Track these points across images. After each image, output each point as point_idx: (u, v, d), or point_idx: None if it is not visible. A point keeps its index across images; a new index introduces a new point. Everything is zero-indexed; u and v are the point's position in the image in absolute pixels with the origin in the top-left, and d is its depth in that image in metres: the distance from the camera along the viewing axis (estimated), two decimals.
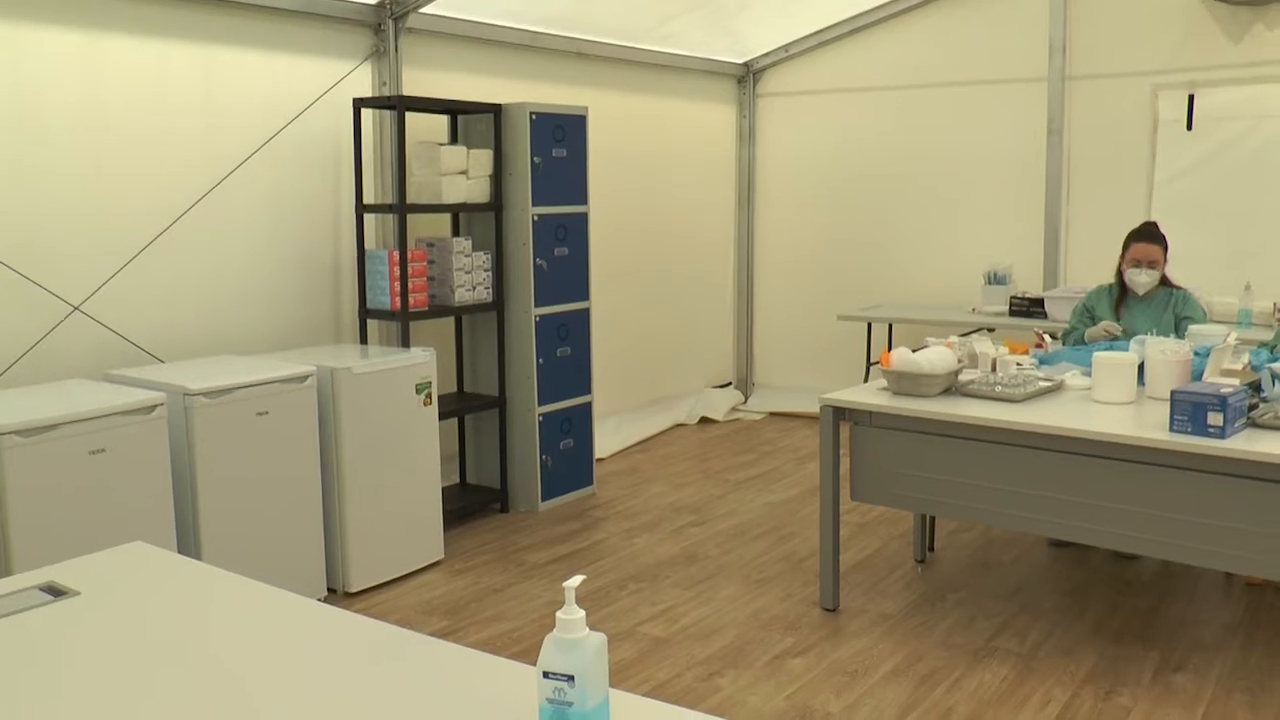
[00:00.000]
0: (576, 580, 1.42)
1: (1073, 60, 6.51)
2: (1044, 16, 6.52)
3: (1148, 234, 4.67)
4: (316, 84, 4.92)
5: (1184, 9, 6.11)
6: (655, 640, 3.87)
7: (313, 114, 4.91)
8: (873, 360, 6.68)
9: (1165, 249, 4.66)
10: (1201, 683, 3.51)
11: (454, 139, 5.37)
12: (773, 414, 7.62)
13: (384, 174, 5.22)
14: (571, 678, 1.36)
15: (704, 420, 7.45)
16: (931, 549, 4.78)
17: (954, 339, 4.27)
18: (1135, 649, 3.76)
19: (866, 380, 4.30)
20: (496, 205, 5.25)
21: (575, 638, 1.38)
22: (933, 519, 4.78)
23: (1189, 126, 6.21)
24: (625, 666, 3.65)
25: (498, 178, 5.25)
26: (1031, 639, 3.85)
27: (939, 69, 6.93)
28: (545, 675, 1.37)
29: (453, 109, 5.23)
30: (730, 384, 7.93)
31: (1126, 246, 4.70)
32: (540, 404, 5.40)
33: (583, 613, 1.38)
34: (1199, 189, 6.22)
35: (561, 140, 5.39)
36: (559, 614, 1.38)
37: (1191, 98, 6.18)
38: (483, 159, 5.17)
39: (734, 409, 7.71)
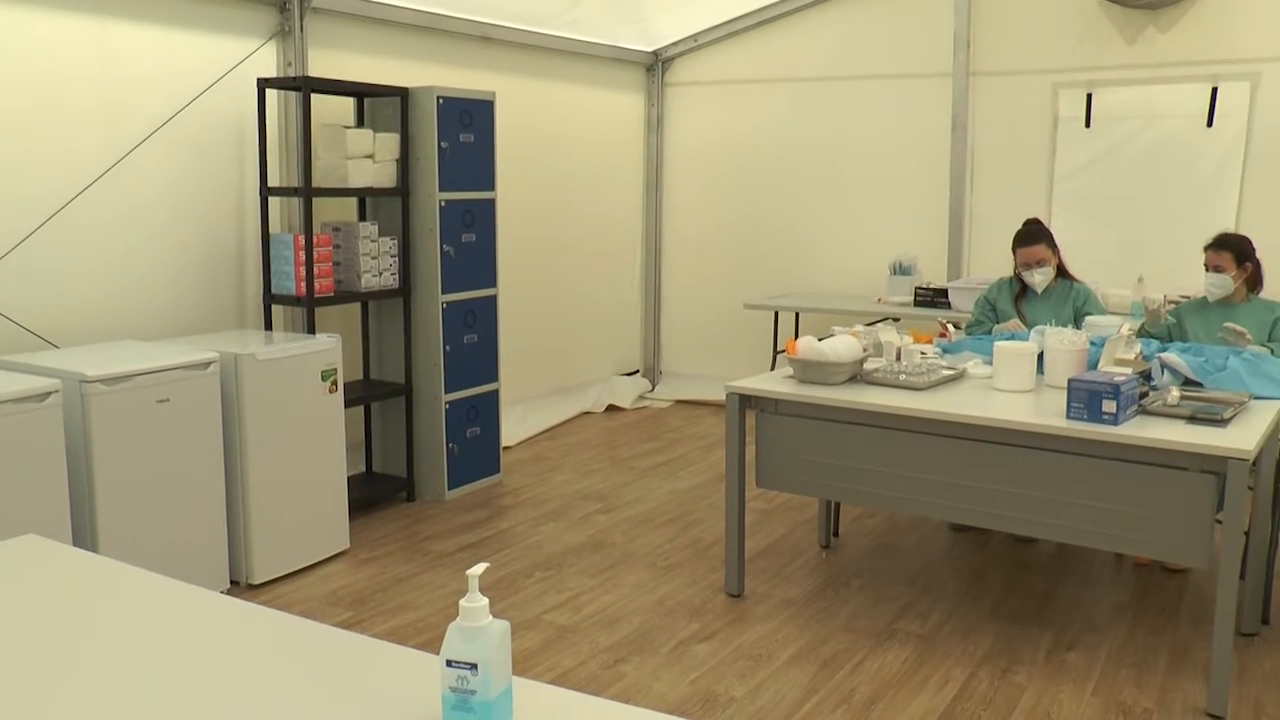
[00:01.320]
0: (480, 568, 1.41)
1: (976, 57, 6.66)
2: (949, 13, 6.65)
3: (1028, 236, 4.80)
4: (219, 63, 4.80)
5: (1082, 10, 6.29)
6: (560, 628, 3.88)
7: (215, 94, 4.79)
8: (779, 349, 6.76)
9: (1050, 243, 4.79)
10: (1092, 660, 3.64)
11: (360, 122, 5.29)
12: (680, 402, 7.67)
13: (289, 157, 5.13)
14: (474, 666, 1.35)
15: (611, 408, 7.47)
16: (836, 534, 4.86)
17: (859, 328, 4.35)
18: (1031, 629, 3.88)
19: (773, 369, 4.36)
20: (403, 190, 5.19)
21: (478, 626, 1.37)
22: (837, 505, 4.86)
23: (1087, 124, 6.40)
24: (530, 655, 3.65)
25: (404, 162, 5.18)
26: (932, 621, 3.95)
27: (846, 62, 7.03)
28: (448, 664, 1.36)
29: (359, 92, 5.15)
30: (637, 372, 7.96)
31: (1014, 251, 4.84)
32: (447, 391, 5.36)
33: (486, 601, 1.38)
34: (1096, 185, 6.41)
35: (469, 125, 5.34)
36: (462, 602, 1.37)
37: (1090, 96, 6.36)
38: (389, 143, 5.11)
39: (641, 397, 7.75)
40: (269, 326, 4.94)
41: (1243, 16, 5.96)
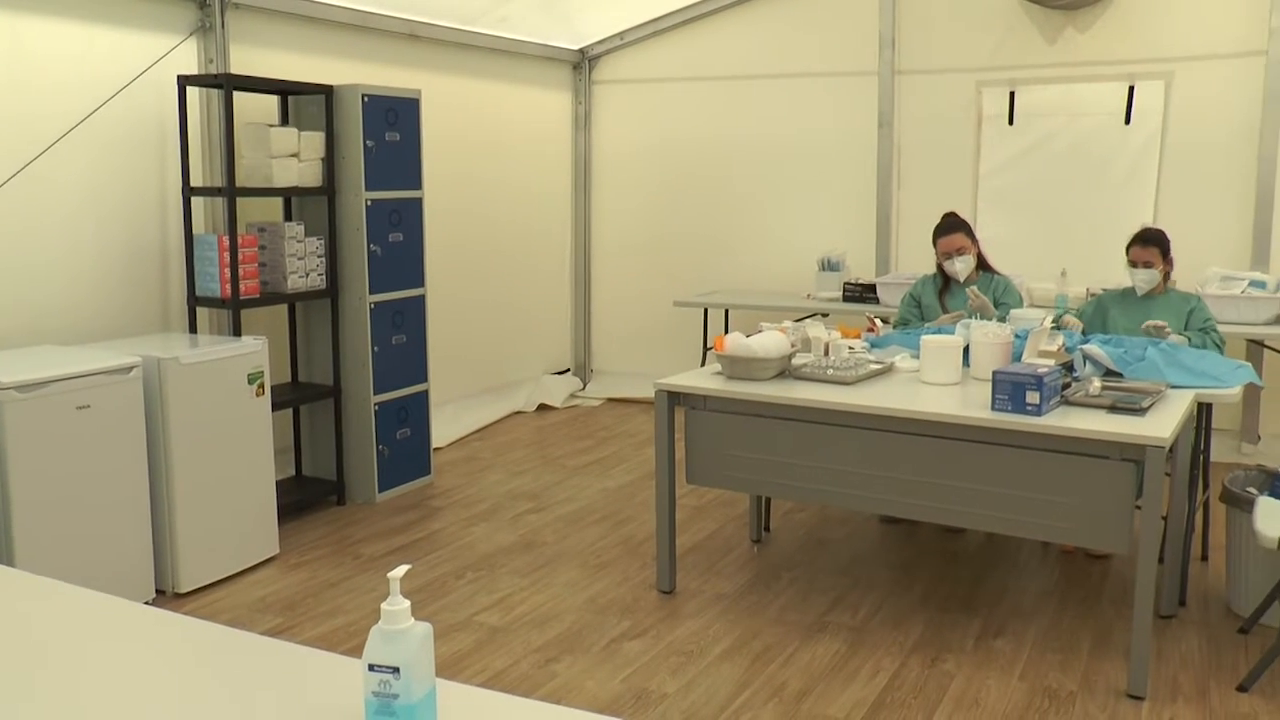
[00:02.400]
0: (401, 571, 1.41)
1: (902, 55, 6.75)
2: (874, 12, 6.74)
3: (946, 227, 4.90)
4: (137, 60, 4.71)
5: (1004, 10, 6.41)
6: (492, 629, 3.86)
7: (134, 92, 4.69)
8: (709, 346, 6.79)
9: (968, 233, 4.88)
10: (1019, 646, 3.72)
11: (285, 120, 5.22)
12: (611, 400, 7.68)
13: (212, 156, 5.04)
14: (397, 669, 1.34)
15: (542, 407, 7.45)
16: (767, 529, 4.90)
17: (788, 324, 4.38)
18: (960, 617, 3.95)
19: (704, 365, 4.39)
20: (329, 189, 5.14)
21: (400, 629, 1.36)
22: (768, 500, 4.90)
23: (1010, 121, 6.52)
24: (462, 657, 3.63)
25: (330, 161, 5.13)
26: (863, 612, 4.00)
27: (773, 60, 7.09)
28: (370, 668, 1.35)
29: (283, 89, 5.08)
30: (568, 370, 7.95)
31: (935, 243, 4.92)
32: (376, 393, 5.31)
33: (407, 603, 1.37)
34: (1020, 181, 6.54)
35: (395, 124, 5.30)
36: (383, 605, 1.36)
37: (1012, 94, 6.48)
38: (314, 142, 5.04)
39: (572, 395, 7.74)
40: (193, 329, 4.86)
41: (1157, 18, 6.12)
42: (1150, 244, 4.58)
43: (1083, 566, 4.47)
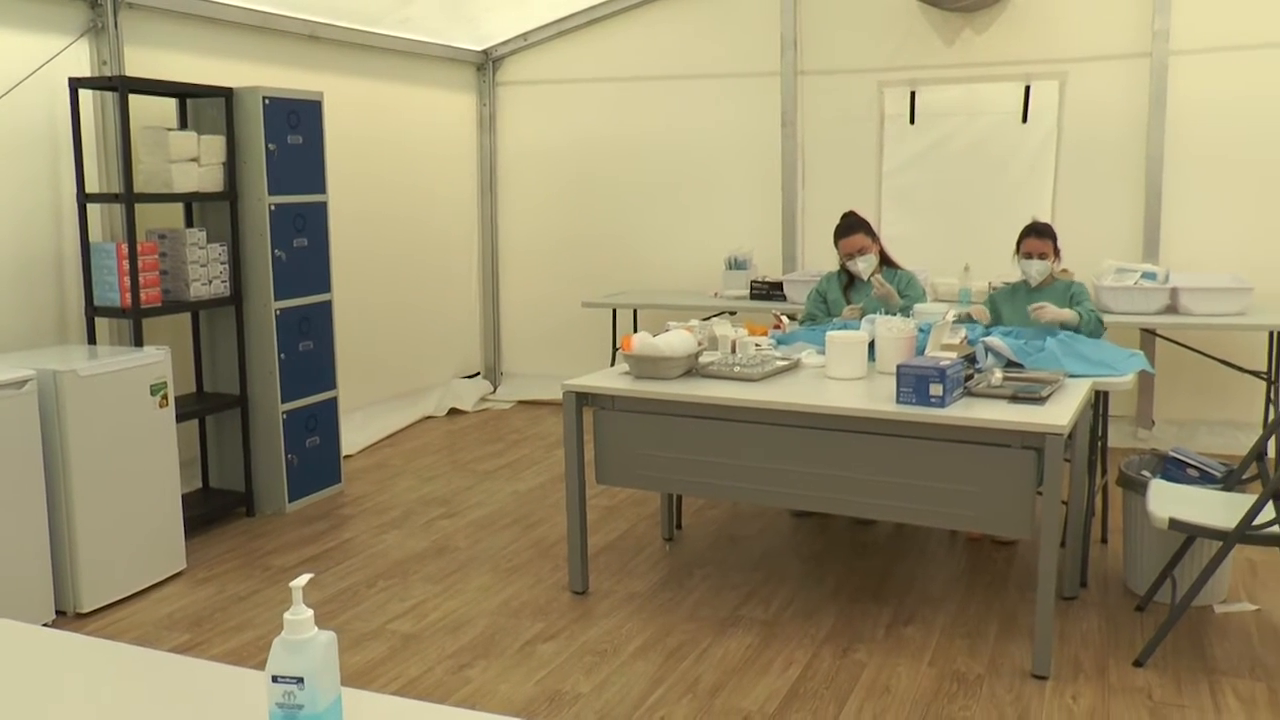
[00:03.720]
0: (303, 580, 1.39)
1: (804, 56, 6.84)
2: (775, 14, 6.82)
3: (847, 228, 4.98)
4: (24, 62, 4.57)
5: (904, 12, 6.54)
6: (405, 637, 3.83)
7: (23, 94, 4.56)
8: (618, 346, 6.81)
9: (868, 231, 4.97)
10: (928, 632, 3.79)
11: (184, 124, 5.11)
12: (521, 402, 7.66)
13: (108, 161, 4.92)
14: (301, 680, 1.33)
15: (453, 411, 7.41)
16: (679, 527, 4.93)
17: (695, 323, 4.42)
18: (871, 607, 4.02)
19: (613, 365, 4.41)
20: (231, 194, 5.05)
21: (303, 638, 1.35)
22: (679, 498, 4.93)
23: (912, 121, 6.65)
24: (375, 666, 3.60)
25: (231, 165, 5.04)
26: (775, 606, 4.04)
27: (677, 61, 7.13)
28: (274, 679, 1.34)
29: (181, 92, 4.98)
30: (478, 374, 7.91)
31: (836, 244, 5.00)
32: (284, 401, 5.22)
33: (310, 612, 1.36)
34: (922, 178, 6.68)
35: (297, 126, 5.22)
36: (286, 615, 1.35)
37: (913, 94, 6.61)
38: (215, 145, 4.95)
39: (483, 399, 7.70)
40: (92, 340, 4.74)
41: (1051, 20, 6.30)
42: (1043, 236, 4.71)
43: (989, 553, 4.58)
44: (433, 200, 7.30)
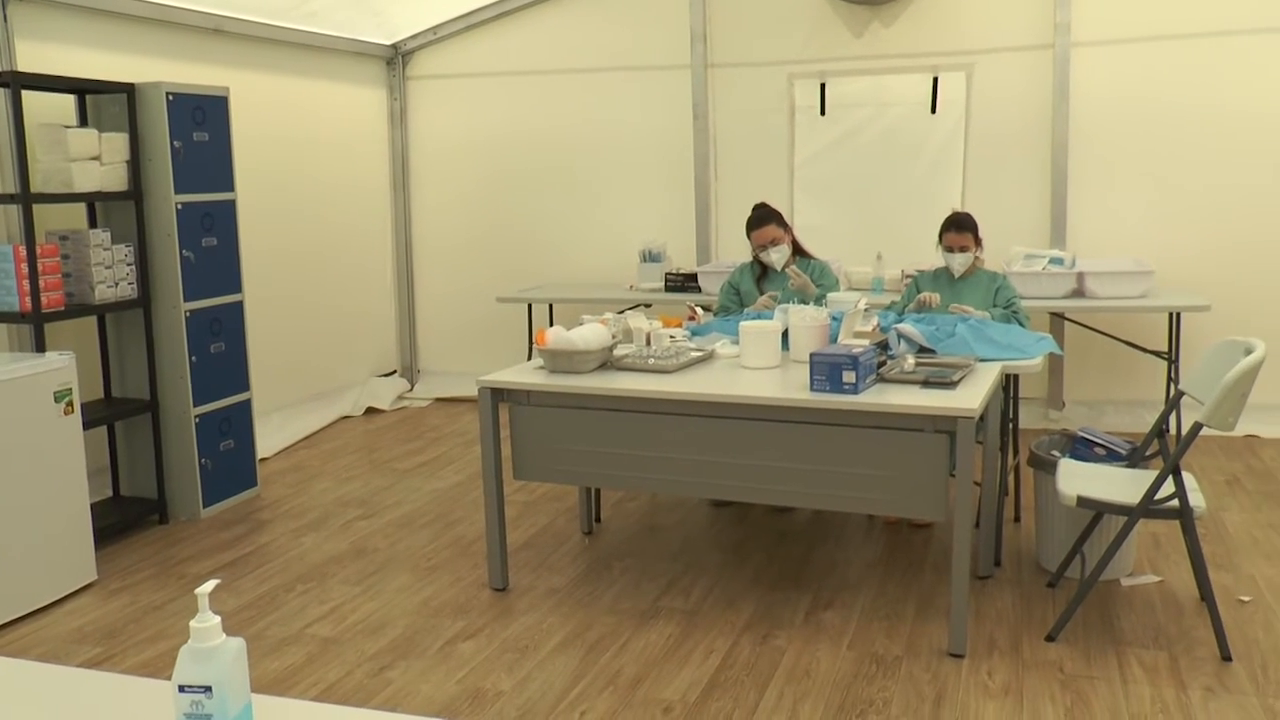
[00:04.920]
0: (209, 586, 1.37)
1: (714, 49, 6.88)
2: (684, 7, 6.84)
3: (758, 219, 5.02)
4: None
5: (812, 5, 6.61)
6: (324, 641, 3.78)
7: None
8: (534, 340, 6.80)
9: (780, 222, 5.02)
10: (847, 616, 3.85)
11: (83, 121, 4.98)
12: (439, 400, 7.61)
13: (2, 160, 4.77)
14: (208, 688, 1.31)
15: (370, 410, 7.33)
16: (598, 520, 4.93)
17: (609, 315, 4.42)
18: (790, 593, 4.06)
19: (530, 360, 4.40)
20: (136, 194, 4.93)
21: (210, 646, 1.33)
22: (598, 491, 4.93)
23: (822, 112, 6.72)
24: (294, 671, 3.55)
25: (135, 164, 4.92)
26: (695, 595, 4.07)
27: (588, 55, 7.12)
28: (181, 689, 1.31)
29: (80, 88, 4.84)
30: (395, 372, 7.83)
31: (749, 236, 5.04)
32: (196, 405, 5.12)
33: (217, 619, 1.33)
34: (833, 169, 6.75)
35: (203, 123, 5.12)
36: (192, 623, 1.33)
37: (823, 86, 6.68)
38: (117, 143, 4.83)
39: (400, 397, 7.63)
40: None
41: (956, 13, 6.41)
42: (964, 229, 4.80)
43: (906, 536, 4.65)
44: (344, 197, 7.20)
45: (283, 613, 4.03)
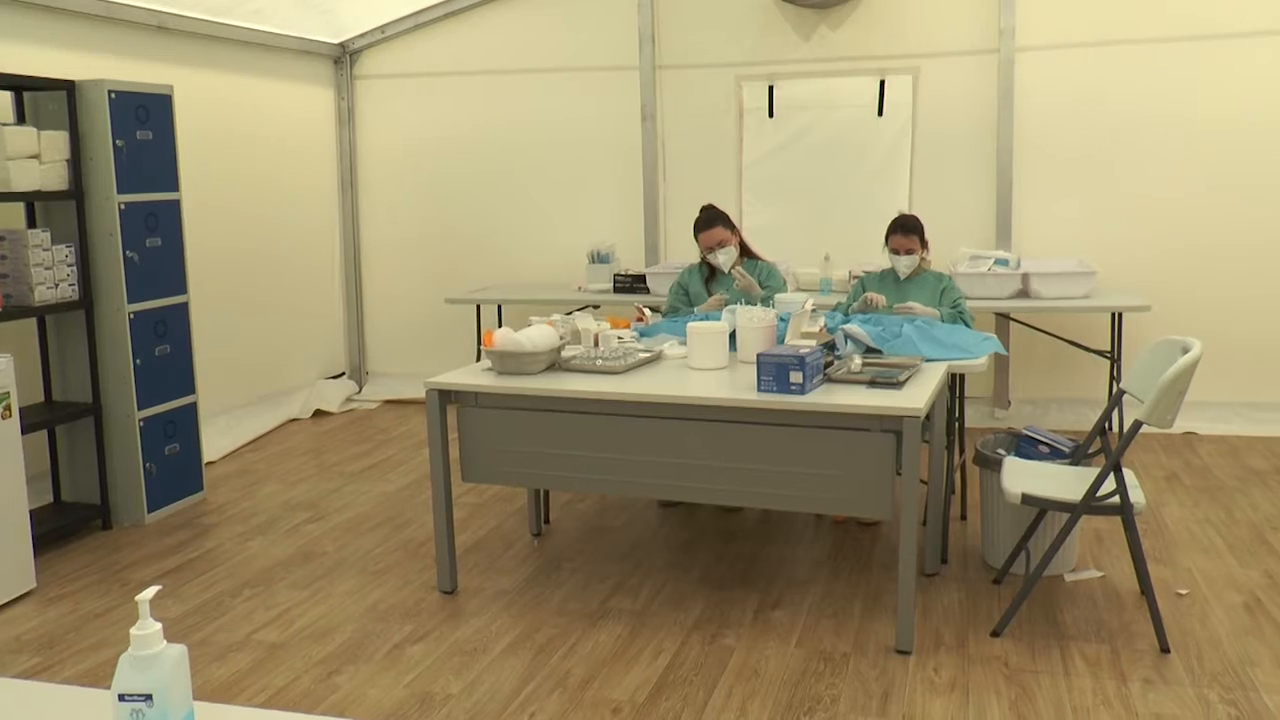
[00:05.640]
0: (150, 592, 1.36)
1: (662, 51, 6.89)
2: (633, 8, 6.85)
3: (705, 222, 5.04)
4: None
5: (761, 7, 6.64)
6: (271, 646, 3.74)
7: None
8: (482, 342, 6.79)
9: (727, 224, 5.04)
10: (796, 615, 3.87)
11: (21, 119, 4.89)
12: (387, 402, 7.56)
13: None
14: (149, 697, 1.29)
15: (318, 413, 7.27)
16: (547, 522, 4.92)
17: (557, 317, 4.41)
18: (738, 592, 4.08)
19: (478, 362, 4.38)
20: (77, 193, 4.85)
21: (151, 654, 1.31)
22: (547, 492, 4.92)
23: (770, 114, 6.76)
24: (240, 678, 3.51)
25: (76, 163, 4.84)
26: (644, 596, 4.07)
27: (537, 55, 7.11)
28: (121, 698, 1.29)
29: (17, 85, 4.75)
30: (344, 374, 7.77)
31: (696, 238, 5.06)
32: (140, 408, 5.05)
33: (158, 626, 1.32)
34: (782, 170, 6.79)
35: (146, 122, 5.05)
36: (132, 630, 1.31)
37: (771, 88, 6.72)
38: (57, 142, 4.75)
39: (348, 399, 7.58)
40: None
41: (903, 17, 6.48)
42: (911, 232, 4.85)
43: (854, 534, 4.69)
44: (292, 197, 7.14)
45: (228, 618, 3.99)
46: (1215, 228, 6.21)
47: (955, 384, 4.64)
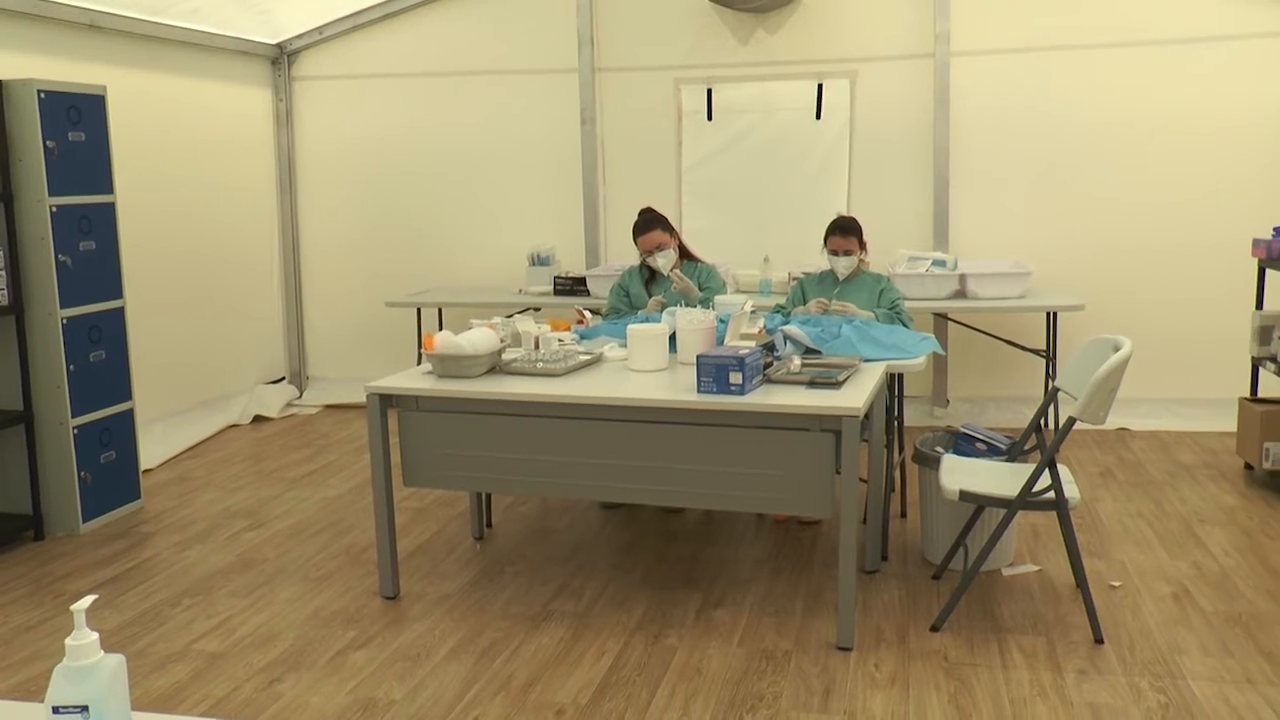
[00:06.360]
0: (85, 602, 1.34)
1: (601, 54, 6.90)
2: (572, 11, 6.86)
3: (644, 225, 5.07)
4: None
5: (699, 11, 6.67)
6: (212, 656, 3.69)
7: None
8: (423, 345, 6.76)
9: (666, 227, 5.07)
10: (738, 613, 3.89)
11: None
12: (328, 406, 7.50)
13: None
14: (85, 708, 1.27)
15: (258, 418, 7.19)
16: (489, 525, 4.91)
17: (497, 320, 4.41)
18: (680, 593, 4.10)
19: (420, 365, 4.36)
20: (6, 196, 4.76)
21: (87, 664, 1.29)
22: (489, 496, 4.91)
23: (709, 117, 6.79)
24: (180, 689, 3.46)
25: (5, 165, 4.75)
26: (586, 598, 4.08)
27: (476, 57, 7.09)
28: (55, 710, 1.27)
29: None
30: (284, 379, 7.69)
31: (635, 241, 5.09)
32: (74, 415, 4.96)
33: (95, 636, 1.30)
34: (721, 173, 6.83)
35: (78, 123, 4.97)
36: (67, 641, 1.29)
37: (710, 91, 6.75)
38: None
39: (289, 404, 7.50)
40: None
41: (840, 22, 6.55)
42: (849, 233, 4.90)
43: (795, 533, 4.73)
44: (230, 199, 7.05)
45: (168, 628, 3.93)
46: (1146, 229, 6.34)
47: (894, 383, 4.70)
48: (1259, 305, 5.41)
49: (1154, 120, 6.27)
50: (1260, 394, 5.46)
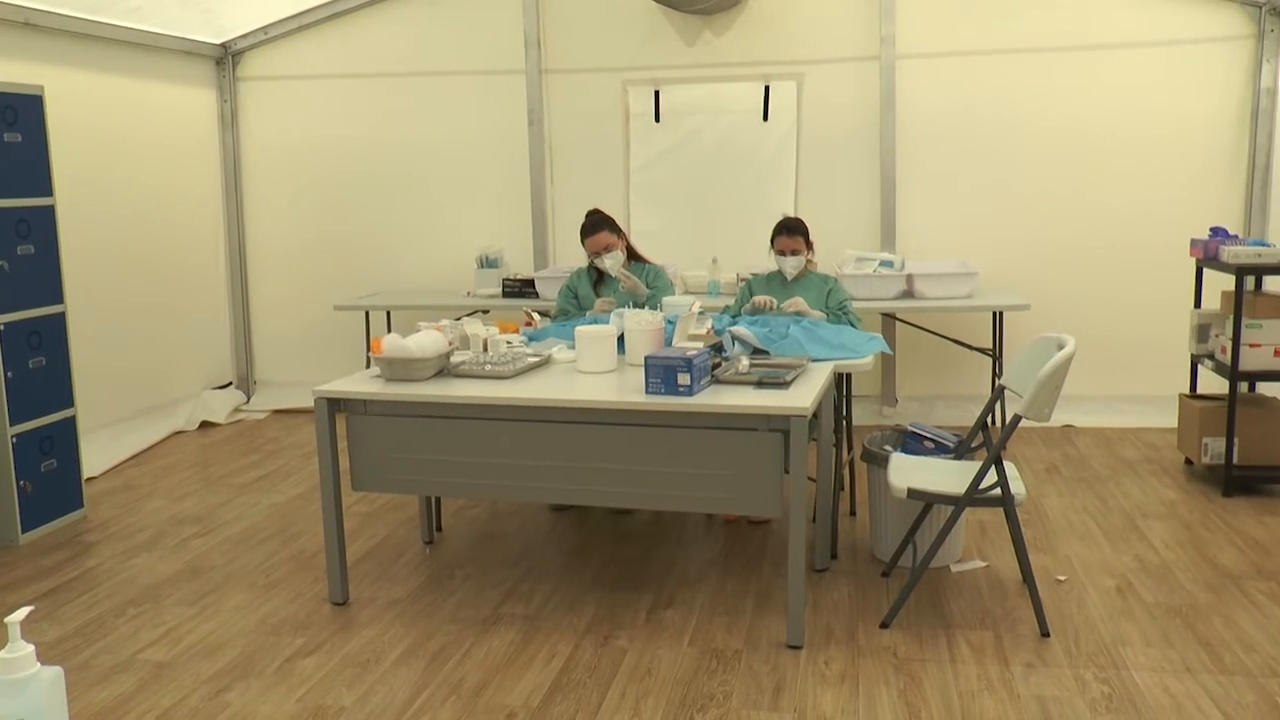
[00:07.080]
0: (21, 614, 1.32)
1: (548, 55, 6.89)
2: (518, 12, 6.84)
3: (591, 227, 5.08)
4: None
5: (644, 14, 6.68)
6: (157, 666, 3.64)
7: None
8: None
9: (613, 228, 5.07)
10: (688, 614, 3.90)
11: None
12: (277, 411, 7.42)
13: None
14: None
15: (205, 424, 7.10)
16: (439, 529, 4.88)
17: (445, 322, 4.39)
18: (630, 594, 4.10)
19: (369, 369, 4.32)
20: None
21: (24, 677, 1.27)
22: (438, 500, 4.88)
23: (657, 119, 6.80)
24: (125, 700, 3.40)
25: None
26: (536, 600, 4.07)
27: (423, 58, 7.06)
28: None
29: None
30: (230, 384, 7.60)
31: (583, 243, 5.09)
32: (13, 424, 4.87)
33: (30, 648, 1.28)
34: (669, 175, 6.84)
35: (14, 123, 4.88)
36: (1, 654, 1.27)
37: (657, 93, 6.76)
38: None
39: (236, 410, 7.41)
40: None
41: (786, 24, 6.59)
42: (795, 233, 4.93)
43: (745, 533, 4.74)
44: (174, 201, 6.96)
45: (112, 639, 3.86)
46: (1089, 229, 6.44)
47: (842, 383, 4.73)
48: (1197, 304, 5.51)
49: (1096, 123, 6.36)
50: (1199, 390, 5.56)
